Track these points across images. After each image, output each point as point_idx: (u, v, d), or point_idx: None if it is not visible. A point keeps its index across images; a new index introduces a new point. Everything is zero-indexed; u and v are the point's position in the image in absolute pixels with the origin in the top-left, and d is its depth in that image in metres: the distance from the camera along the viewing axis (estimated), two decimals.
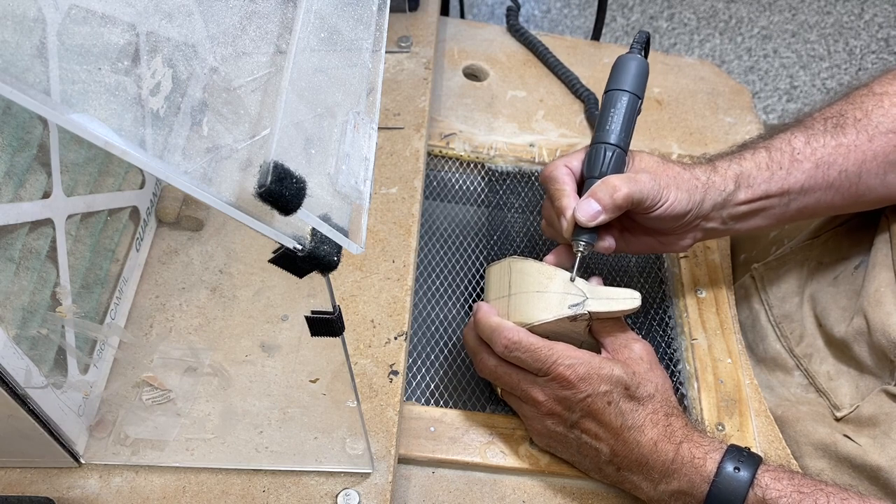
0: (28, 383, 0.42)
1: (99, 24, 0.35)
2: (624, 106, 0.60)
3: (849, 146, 0.60)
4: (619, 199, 0.56)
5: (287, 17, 0.37)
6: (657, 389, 0.55)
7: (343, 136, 0.35)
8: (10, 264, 0.43)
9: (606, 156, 0.59)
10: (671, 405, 0.55)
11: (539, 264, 0.58)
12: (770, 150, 0.61)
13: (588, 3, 2.16)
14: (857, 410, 0.60)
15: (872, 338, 0.59)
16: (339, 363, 0.43)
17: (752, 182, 0.60)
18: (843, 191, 0.61)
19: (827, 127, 0.61)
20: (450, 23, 0.92)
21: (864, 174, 0.61)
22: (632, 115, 0.60)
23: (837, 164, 0.60)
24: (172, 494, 0.50)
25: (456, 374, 0.64)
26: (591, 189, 0.57)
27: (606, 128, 0.60)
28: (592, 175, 0.59)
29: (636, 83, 0.61)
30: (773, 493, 0.50)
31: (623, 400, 0.54)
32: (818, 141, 0.61)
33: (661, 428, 0.54)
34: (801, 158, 0.60)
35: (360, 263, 0.63)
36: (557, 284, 0.57)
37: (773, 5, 2.21)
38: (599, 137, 0.60)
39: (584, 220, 0.57)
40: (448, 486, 0.57)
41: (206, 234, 0.63)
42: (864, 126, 0.60)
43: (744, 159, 0.61)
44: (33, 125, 0.44)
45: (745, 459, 0.51)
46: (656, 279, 0.73)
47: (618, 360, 0.56)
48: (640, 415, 0.54)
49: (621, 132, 0.60)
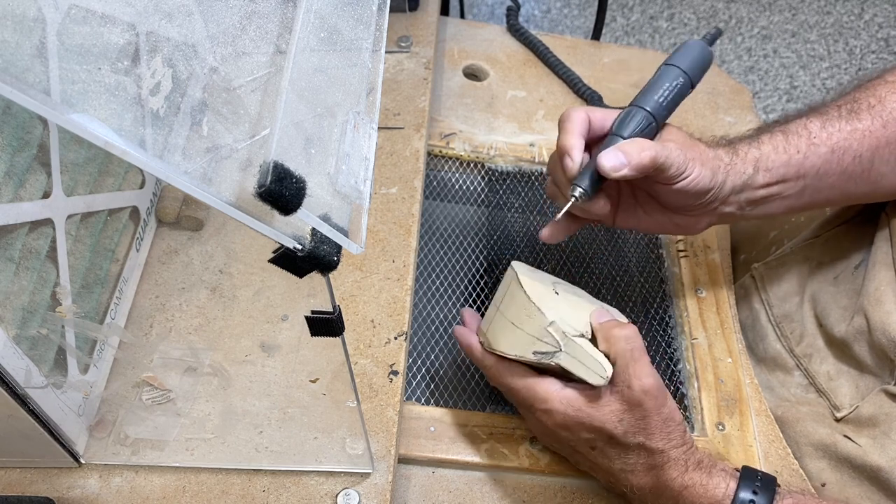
0: (28, 383, 0.42)
1: (99, 24, 0.35)
2: (676, 83, 0.59)
3: (863, 131, 0.60)
4: (646, 159, 0.54)
5: (287, 17, 0.37)
6: (652, 437, 0.51)
7: (343, 135, 0.35)
8: (10, 264, 0.43)
9: (640, 121, 0.58)
10: (666, 455, 0.51)
11: (525, 298, 0.53)
12: (787, 133, 0.60)
13: (588, 3, 2.16)
14: (857, 411, 0.60)
15: (873, 337, 0.59)
16: (339, 363, 0.43)
17: (771, 165, 0.59)
18: (857, 177, 0.61)
19: (841, 113, 0.61)
20: (450, 23, 0.92)
21: (877, 160, 0.60)
22: (678, 96, 0.60)
23: (852, 149, 0.60)
24: (172, 494, 0.50)
25: (456, 374, 0.64)
26: (620, 143, 0.55)
27: (651, 96, 0.59)
28: (620, 133, 0.57)
29: (694, 68, 0.60)
30: None
31: (608, 446, 0.52)
32: (833, 126, 0.60)
33: (652, 478, 0.52)
34: (817, 142, 0.60)
35: (360, 263, 0.63)
36: (533, 327, 0.53)
37: (773, 5, 2.21)
38: (640, 101, 0.59)
39: (607, 167, 0.54)
40: (448, 485, 0.57)
41: (206, 234, 0.63)
42: (878, 112, 0.60)
43: (762, 143, 0.60)
44: (33, 125, 0.44)
45: (759, 490, 0.50)
46: (656, 279, 0.73)
47: (613, 399, 0.51)
48: (630, 460, 0.52)
49: (663, 105, 0.59)
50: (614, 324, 0.54)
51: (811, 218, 0.73)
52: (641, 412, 0.50)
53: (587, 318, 0.55)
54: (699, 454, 0.52)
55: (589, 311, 0.56)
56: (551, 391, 0.52)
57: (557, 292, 0.56)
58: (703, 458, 0.52)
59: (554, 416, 0.52)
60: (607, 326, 0.53)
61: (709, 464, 0.52)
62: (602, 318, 0.55)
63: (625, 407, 0.50)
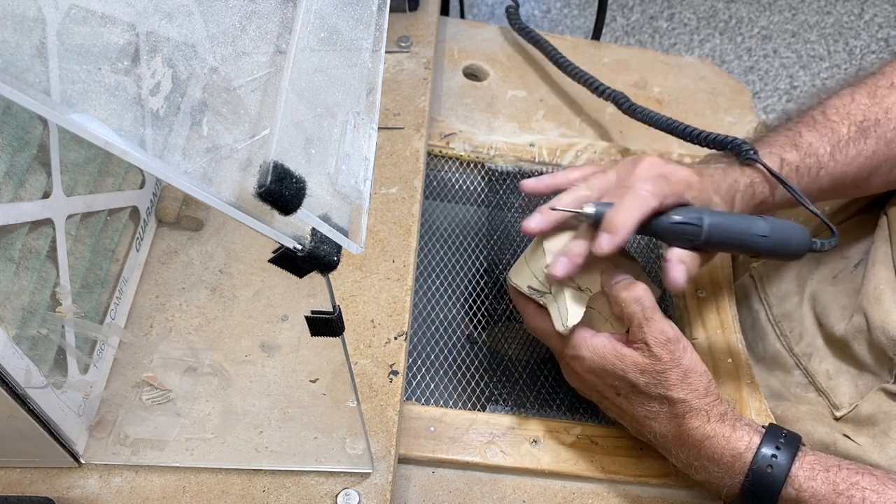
0: (28, 383, 0.42)
1: (99, 24, 0.35)
2: (750, 235, 0.54)
3: (867, 155, 0.60)
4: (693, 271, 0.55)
5: (287, 17, 0.37)
6: (673, 388, 0.52)
7: (343, 135, 0.35)
8: (10, 264, 0.43)
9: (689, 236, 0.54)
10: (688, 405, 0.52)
11: (548, 242, 0.57)
12: (800, 172, 0.60)
13: (588, 3, 2.16)
14: (856, 410, 0.60)
15: (872, 335, 0.59)
16: (339, 363, 0.43)
17: (770, 202, 0.60)
18: (847, 194, 0.63)
19: (851, 133, 0.60)
20: (450, 23, 0.92)
21: (872, 176, 0.61)
22: (739, 245, 0.55)
23: (851, 174, 0.60)
24: (172, 494, 0.50)
25: (456, 374, 0.64)
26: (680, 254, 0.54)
27: (719, 230, 0.54)
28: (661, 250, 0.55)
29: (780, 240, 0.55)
30: (807, 495, 0.49)
31: (632, 394, 0.54)
32: (842, 153, 0.60)
33: (674, 427, 0.53)
34: (822, 175, 0.60)
35: (360, 263, 0.63)
36: (536, 265, 0.57)
37: (773, 5, 2.21)
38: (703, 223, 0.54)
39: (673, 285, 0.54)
40: (448, 486, 0.57)
41: (206, 234, 0.63)
42: (882, 130, 0.60)
43: (777, 190, 0.59)
44: (33, 125, 0.44)
45: (782, 446, 0.50)
46: (656, 279, 0.73)
47: (634, 353, 0.53)
48: (653, 408, 0.53)
49: (718, 238, 0.54)
50: (623, 286, 0.54)
51: (810, 217, 0.73)
52: (660, 366, 0.52)
53: (598, 278, 0.57)
54: (723, 407, 0.53)
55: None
56: (581, 338, 0.55)
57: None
58: (727, 411, 0.53)
59: (583, 363, 0.55)
60: (616, 290, 0.55)
61: (733, 417, 0.52)
62: (613, 279, 0.55)
63: (645, 362, 0.52)
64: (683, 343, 0.52)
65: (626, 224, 0.53)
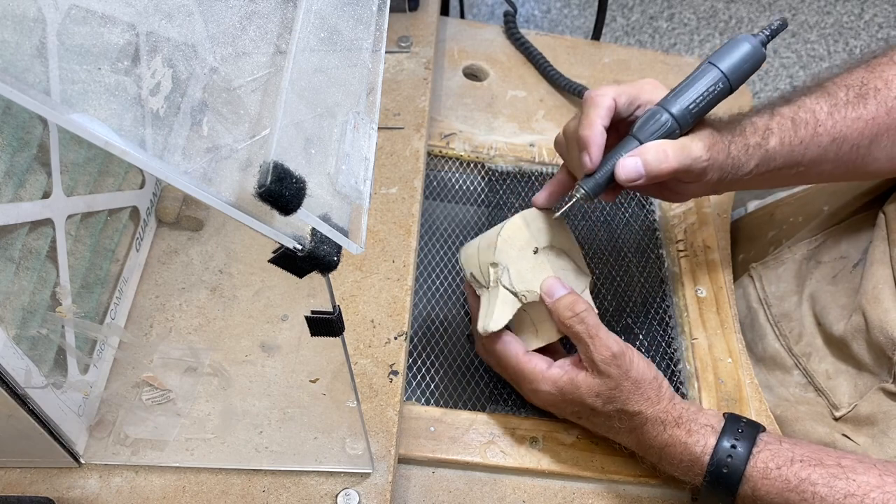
0: (28, 383, 0.42)
1: (99, 24, 0.35)
2: (713, 88, 0.55)
3: (867, 120, 0.59)
4: (665, 170, 0.54)
5: (287, 17, 0.37)
6: (628, 402, 0.53)
7: (343, 136, 0.35)
8: (10, 264, 0.43)
9: (662, 125, 0.55)
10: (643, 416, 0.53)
11: (497, 233, 0.58)
12: (796, 122, 0.59)
13: (588, 3, 2.16)
14: (856, 409, 0.60)
15: (871, 335, 0.59)
16: (339, 363, 0.43)
17: (772, 159, 0.59)
18: (849, 163, 0.61)
19: (849, 97, 0.60)
20: (450, 23, 0.92)
21: (873, 147, 0.60)
22: (713, 100, 0.56)
23: (852, 138, 0.59)
24: (172, 494, 0.50)
25: (456, 374, 0.64)
26: (641, 148, 0.55)
27: (682, 100, 0.55)
28: (639, 138, 0.56)
29: (738, 70, 0.56)
30: (762, 493, 0.50)
31: (592, 416, 0.56)
32: (840, 112, 0.59)
33: (635, 438, 0.55)
34: (821, 132, 0.59)
35: (360, 263, 0.63)
36: (485, 256, 0.58)
37: (773, 5, 2.21)
38: (669, 103, 0.56)
39: (622, 178, 0.54)
40: (448, 486, 0.57)
41: (206, 234, 0.63)
42: (883, 98, 0.59)
43: (772, 135, 0.59)
44: (33, 125, 0.44)
45: (738, 443, 0.51)
46: (656, 279, 0.73)
47: (586, 376, 0.54)
48: (614, 425, 0.55)
49: (692, 113, 0.55)
50: (565, 305, 0.55)
51: (809, 218, 0.73)
52: (612, 383, 0.53)
53: (538, 286, 0.58)
54: (678, 410, 0.54)
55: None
56: (537, 371, 0.56)
57: (537, 251, 0.59)
58: (682, 414, 0.53)
59: (540, 395, 0.57)
60: (559, 308, 0.56)
61: (688, 420, 0.53)
62: (555, 295, 0.56)
63: (596, 381, 0.53)
64: (629, 355, 0.53)
65: (592, 126, 0.55)
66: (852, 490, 0.48)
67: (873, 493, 0.47)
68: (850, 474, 0.49)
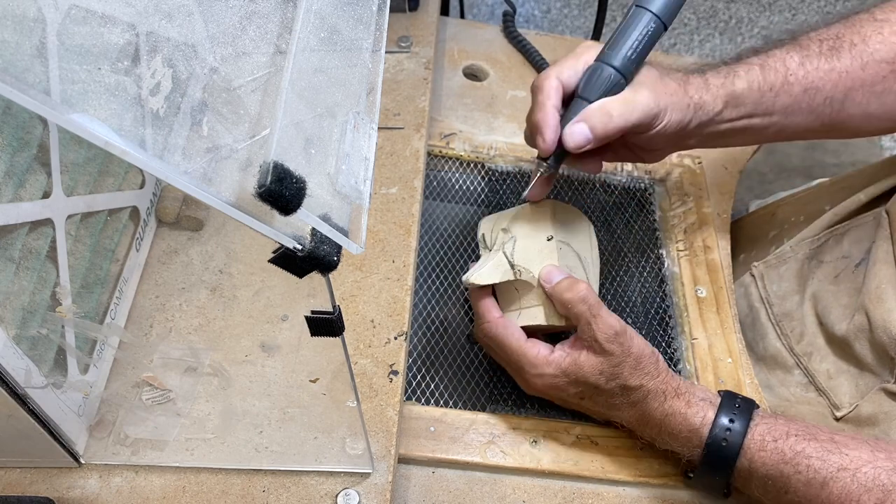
0: (28, 383, 0.42)
1: (99, 24, 0.35)
2: (647, 29, 0.56)
3: (840, 72, 0.59)
4: (612, 129, 0.54)
5: (287, 17, 0.37)
6: (630, 377, 0.54)
7: (343, 136, 0.35)
8: (10, 264, 0.43)
9: (606, 81, 0.55)
10: (645, 389, 0.54)
11: (519, 210, 0.62)
12: (765, 68, 0.60)
13: (588, 3, 2.16)
14: (857, 410, 0.60)
15: (874, 335, 0.59)
16: (339, 363, 0.43)
17: (741, 102, 0.59)
18: (824, 117, 0.61)
19: (822, 49, 0.60)
20: (450, 23, 0.92)
21: (848, 102, 0.60)
22: (650, 43, 0.56)
23: (825, 90, 0.60)
24: (172, 494, 0.50)
25: (456, 374, 0.64)
26: (584, 112, 0.55)
27: (620, 49, 0.56)
28: (586, 97, 0.56)
29: (667, 7, 0.56)
30: (758, 464, 0.51)
31: (595, 395, 0.56)
32: (812, 63, 0.60)
33: (636, 412, 0.55)
34: (792, 81, 0.59)
35: (360, 263, 0.63)
36: (502, 218, 0.61)
37: (773, 5, 2.21)
38: (608, 56, 0.56)
39: (571, 146, 0.55)
40: (448, 486, 0.57)
41: (206, 234, 0.63)
42: (859, 52, 0.60)
43: (738, 77, 0.59)
44: (33, 125, 0.44)
45: (736, 417, 0.52)
46: (656, 279, 0.73)
47: (588, 355, 0.55)
48: (615, 401, 0.56)
49: (632, 59, 0.56)
50: (565, 287, 0.56)
51: (811, 217, 0.73)
52: (614, 360, 0.54)
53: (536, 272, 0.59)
54: (676, 381, 0.55)
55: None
56: (541, 357, 0.56)
57: (551, 238, 0.59)
58: (680, 386, 0.55)
59: (545, 379, 0.57)
60: (559, 291, 0.56)
61: (687, 392, 0.55)
62: (554, 280, 0.56)
63: (600, 359, 0.54)
64: (629, 332, 0.55)
65: (542, 108, 0.56)
66: (845, 464, 0.49)
67: (865, 467, 0.48)
68: (842, 449, 0.50)
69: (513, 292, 0.60)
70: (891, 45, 0.59)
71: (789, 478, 0.50)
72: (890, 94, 0.60)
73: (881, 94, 0.60)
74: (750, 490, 0.53)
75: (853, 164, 0.96)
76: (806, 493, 0.49)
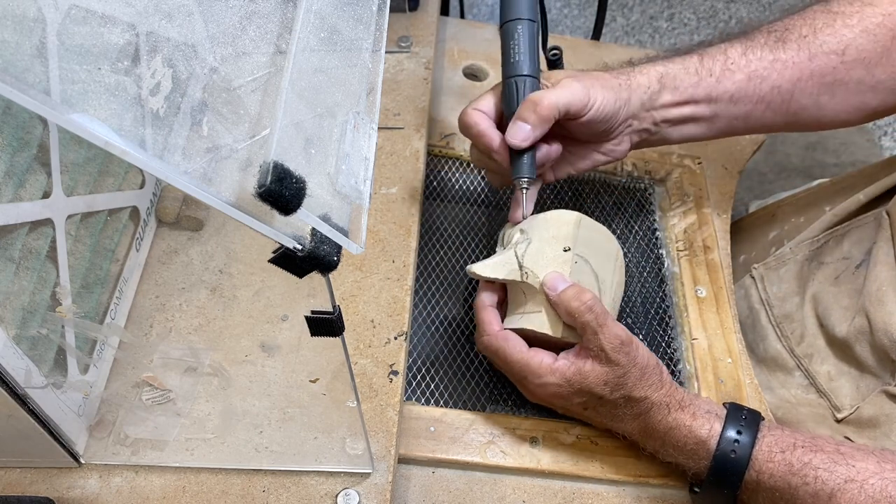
0: (28, 383, 0.42)
1: (99, 24, 0.35)
2: (523, 34, 0.59)
3: (786, 62, 0.60)
4: (545, 111, 0.56)
5: (287, 17, 0.37)
6: (634, 388, 0.54)
7: (343, 136, 0.35)
8: (10, 264, 0.43)
9: (520, 87, 0.58)
10: (649, 401, 0.54)
11: (547, 216, 0.60)
12: (703, 56, 0.61)
13: (588, 3, 2.16)
14: (858, 412, 0.60)
15: (874, 337, 0.59)
16: (339, 363, 0.43)
17: (679, 84, 0.60)
18: (775, 107, 0.61)
19: (769, 40, 0.61)
20: (450, 23, 0.92)
21: (797, 92, 0.61)
22: (532, 42, 0.59)
23: (771, 78, 0.60)
24: (172, 494, 0.50)
25: (456, 374, 0.64)
26: (516, 114, 0.57)
27: (512, 61, 0.59)
28: (513, 111, 0.59)
29: (528, 9, 0.59)
30: (766, 476, 0.51)
31: (598, 406, 0.56)
32: (755, 53, 0.60)
33: (640, 424, 0.55)
34: (733, 68, 0.60)
35: (360, 263, 0.63)
36: (531, 224, 0.60)
37: (772, 5, 2.21)
38: (508, 72, 0.59)
39: (516, 142, 0.57)
40: (448, 486, 0.57)
41: (206, 234, 0.63)
42: (807, 43, 0.60)
43: (671, 62, 0.61)
44: (33, 125, 0.44)
45: (743, 429, 0.52)
46: (656, 279, 0.73)
47: (594, 365, 0.54)
48: (619, 413, 0.55)
49: (528, 60, 0.59)
50: (571, 295, 0.55)
51: (811, 218, 0.73)
52: (620, 370, 0.53)
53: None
54: (680, 394, 0.55)
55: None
56: (544, 365, 0.55)
57: (568, 250, 0.58)
58: (684, 398, 0.54)
59: (548, 388, 0.56)
60: (566, 299, 0.55)
61: (691, 404, 0.54)
62: (559, 287, 0.56)
63: (605, 369, 0.53)
64: (635, 342, 0.54)
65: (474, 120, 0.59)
66: (852, 475, 0.48)
67: (872, 479, 0.48)
68: (849, 460, 0.49)
69: (520, 295, 0.59)
70: (840, 37, 0.60)
71: (797, 489, 0.49)
72: (841, 86, 0.61)
73: (832, 86, 0.61)
74: (756, 503, 0.53)
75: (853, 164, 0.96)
76: None
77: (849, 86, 0.61)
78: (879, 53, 0.60)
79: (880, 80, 0.61)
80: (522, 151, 0.58)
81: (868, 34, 0.60)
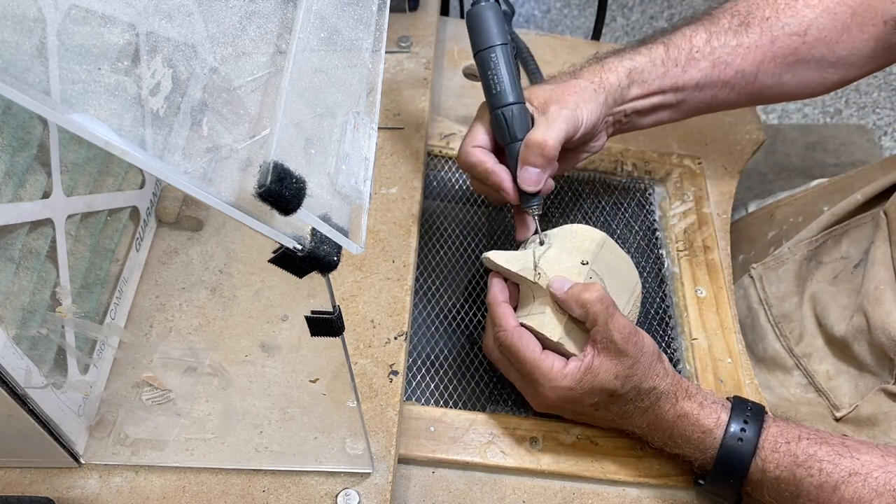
0: (28, 383, 0.42)
1: (99, 24, 0.35)
2: (499, 61, 0.59)
3: (749, 47, 0.61)
4: (550, 153, 0.57)
5: (287, 17, 0.37)
6: (644, 378, 0.54)
7: (343, 136, 0.35)
8: (10, 264, 0.43)
9: (508, 118, 0.59)
10: (658, 391, 0.54)
11: (569, 228, 0.61)
12: (668, 46, 0.62)
13: (588, 3, 2.16)
14: (857, 410, 0.60)
15: (872, 336, 0.59)
16: (339, 363, 0.43)
17: (646, 78, 0.61)
18: (739, 89, 0.63)
19: (732, 24, 0.62)
20: (450, 23, 0.92)
21: (760, 74, 0.62)
22: (510, 65, 0.60)
23: (735, 64, 0.61)
24: (172, 494, 0.50)
25: (456, 374, 0.64)
26: (521, 156, 0.58)
27: (494, 92, 0.60)
28: (508, 142, 0.60)
29: (498, 32, 0.60)
30: (771, 466, 0.51)
31: (610, 403, 0.55)
32: (719, 40, 0.61)
33: (649, 416, 0.55)
34: (698, 57, 0.61)
35: (360, 263, 0.63)
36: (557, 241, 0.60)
37: None
38: (494, 104, 0.60)
39: (532, 188, 0.58)
40: (448, 486, 0.57)
41: (206, 234, 0.63)
42: (769, 26, 0.61)
43: (638, 54, 0.61)
44: (33, 125, 0.44)
45: (749, 420, 0.52)
46: (656, 279, 0.73)
47: (604, 359, 0.54)
48: (628, 408, 0.55)
49: (510, 88, 0.59)
50: (581, 288, 0.55)
51: (809, 218, 0.73)
52: (629, 360, 0.53)
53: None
54: (685, 383, 0.55)
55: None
56: (555, 369, 0.55)
57: (586, 263, 0.58)
58: (689, 388, 0.55)
59: (559, 392, 0.55)
60: (576, 292, 0.55)
61: (697, 394, 0.55)
62: (566, 285, 0.56)
63: (615, 362, 0.53)
64: (640, 332, 0.55)
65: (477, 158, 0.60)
66: (856, 468, 0.49)
67: (876, 472, 0.48)
68: (854, 453, 0.50)
69: (529, 296, 0.59)
70: (802, 18, 0.61)
71: (801, 481, 0.50)
72: (802, 65, 0.62)
73: (793, 66, 0.62)
74: (761, 495, 0.53)
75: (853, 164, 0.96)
76: (818, 496, 0.49)
77: (810, 64, 0.62)
78: (840, 31, 0.61)
79: (841, 57, 0.62)
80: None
81: (829, 13, 0.61)
